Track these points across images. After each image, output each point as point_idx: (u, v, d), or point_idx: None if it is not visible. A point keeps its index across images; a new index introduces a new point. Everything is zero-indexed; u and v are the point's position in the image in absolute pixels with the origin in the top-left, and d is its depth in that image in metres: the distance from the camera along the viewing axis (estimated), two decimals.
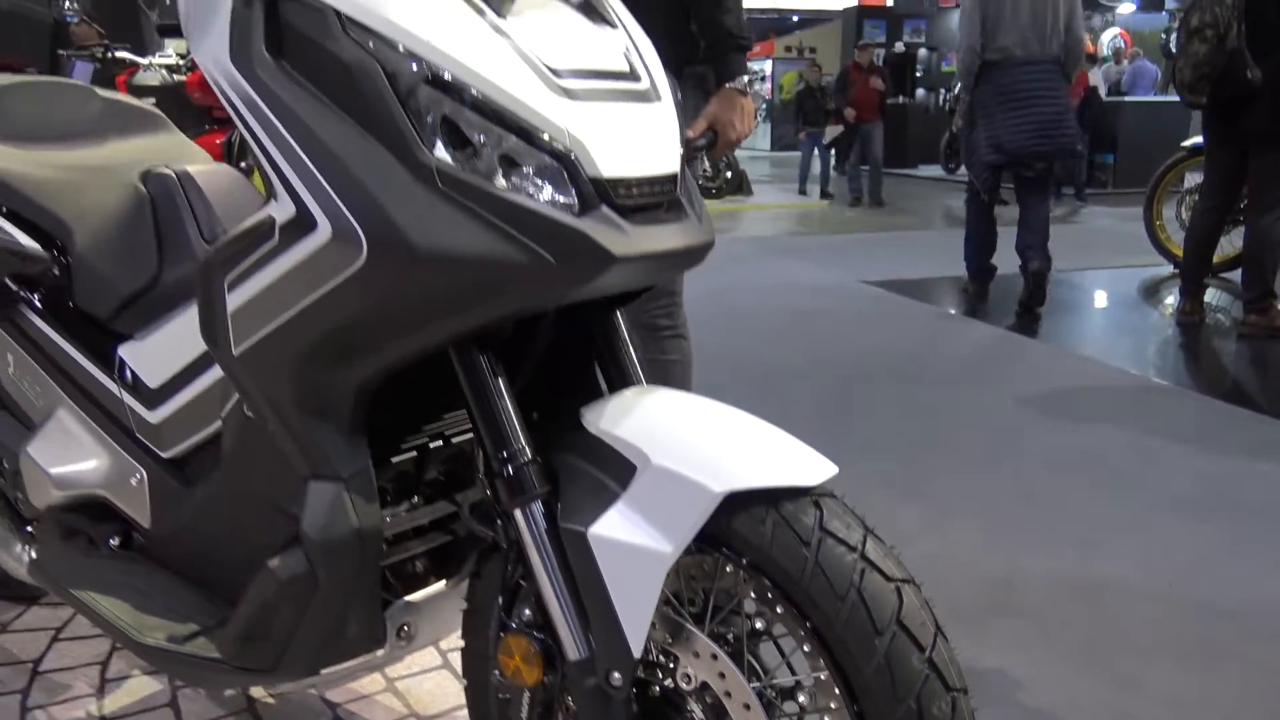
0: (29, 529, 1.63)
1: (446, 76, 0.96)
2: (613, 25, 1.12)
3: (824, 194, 11.52)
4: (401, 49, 0.96)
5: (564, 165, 0.98)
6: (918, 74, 16.63)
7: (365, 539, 1.10)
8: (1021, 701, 1.81)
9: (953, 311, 5.30)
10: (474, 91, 0.96)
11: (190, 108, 5.28)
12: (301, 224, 0.98)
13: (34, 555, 1.59)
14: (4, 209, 1.51)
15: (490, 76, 0.97)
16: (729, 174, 11.35)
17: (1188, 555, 2.40)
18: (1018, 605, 2.15)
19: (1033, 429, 3.35)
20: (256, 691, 1.74)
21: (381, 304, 0.99)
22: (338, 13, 0.97)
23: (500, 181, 0.96)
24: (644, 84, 1.09)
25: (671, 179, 1.08)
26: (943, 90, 15.98)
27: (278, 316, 1.02)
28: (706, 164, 10.02)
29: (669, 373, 2.18)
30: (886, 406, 3.60)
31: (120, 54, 5.04)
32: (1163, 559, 2.37)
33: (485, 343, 1.07)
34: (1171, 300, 5.35)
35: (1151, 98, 12.56)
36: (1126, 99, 12.48)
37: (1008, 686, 1.85)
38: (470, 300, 0.98)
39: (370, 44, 0.96)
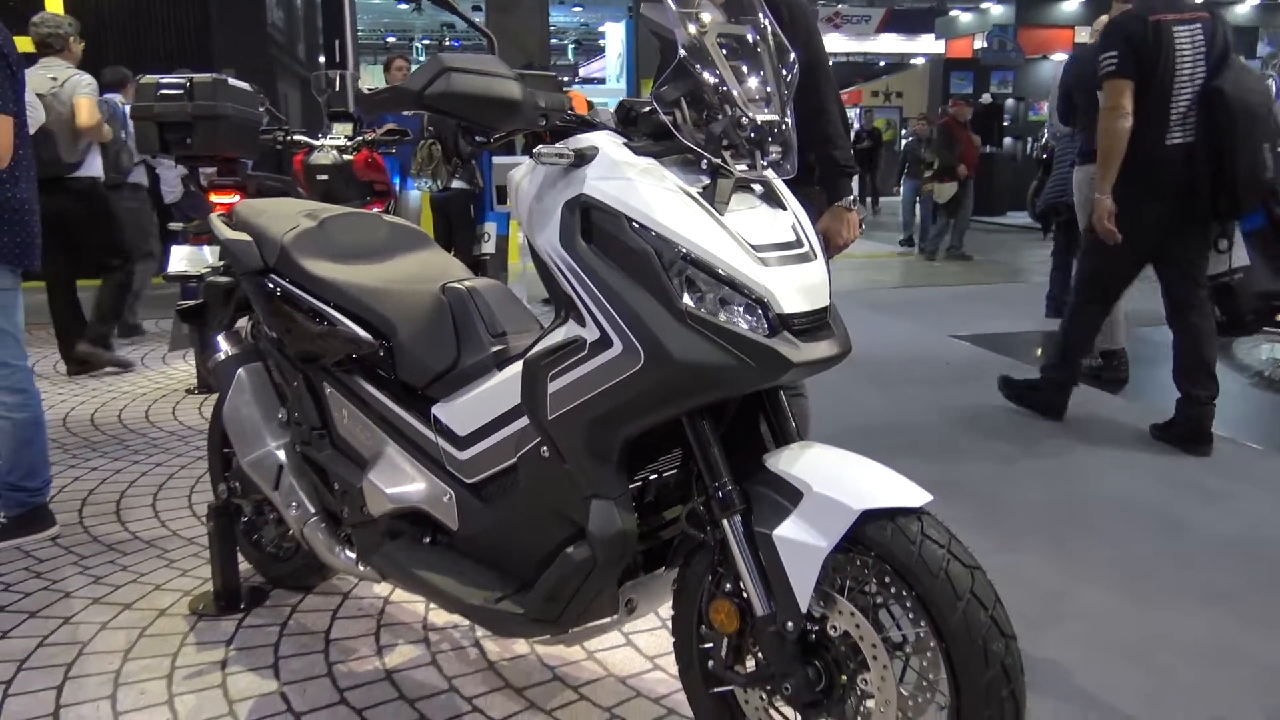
0: (344, 534, 2.29)
1: (689, 253, 1.59)
2: (784, 208, 1.75)
3: (921, 249, 11.83)
4: (664, 238, 1.59)
5: (760, 305, 1.60)
6: (1005, 123, 17.04)
7: (626, 536, 1.72)
8: None
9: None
10: (706, 261, 1.59)
11: (355, 183, 6.10)
12: (603, 343, 1.62)
13: (350, 554, 2.25)
14: (343, 308, 2.19)
15: (716, 252, 1.60)
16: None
17: None
18: None
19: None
20: (494, 652, 2.38)
21: (648, 391, 1.61)
22: (627, 217, 1.61)
23: (722, 315, 1.59)
24: (805, 248, 1.71)
25: (824, 310, 1.69)
26: (1030, 139, 16.35)
27: (582, 396, 1.66)
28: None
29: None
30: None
31: (297, 136, 5.88)
32: None
33: (704, 412, 1.69)
34: None
35: None
36: None
37: None
38: (703, 390, 1.61)
39: (646, 235, 1.60)
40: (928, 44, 24.75)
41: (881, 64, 28.69)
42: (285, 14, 11.85)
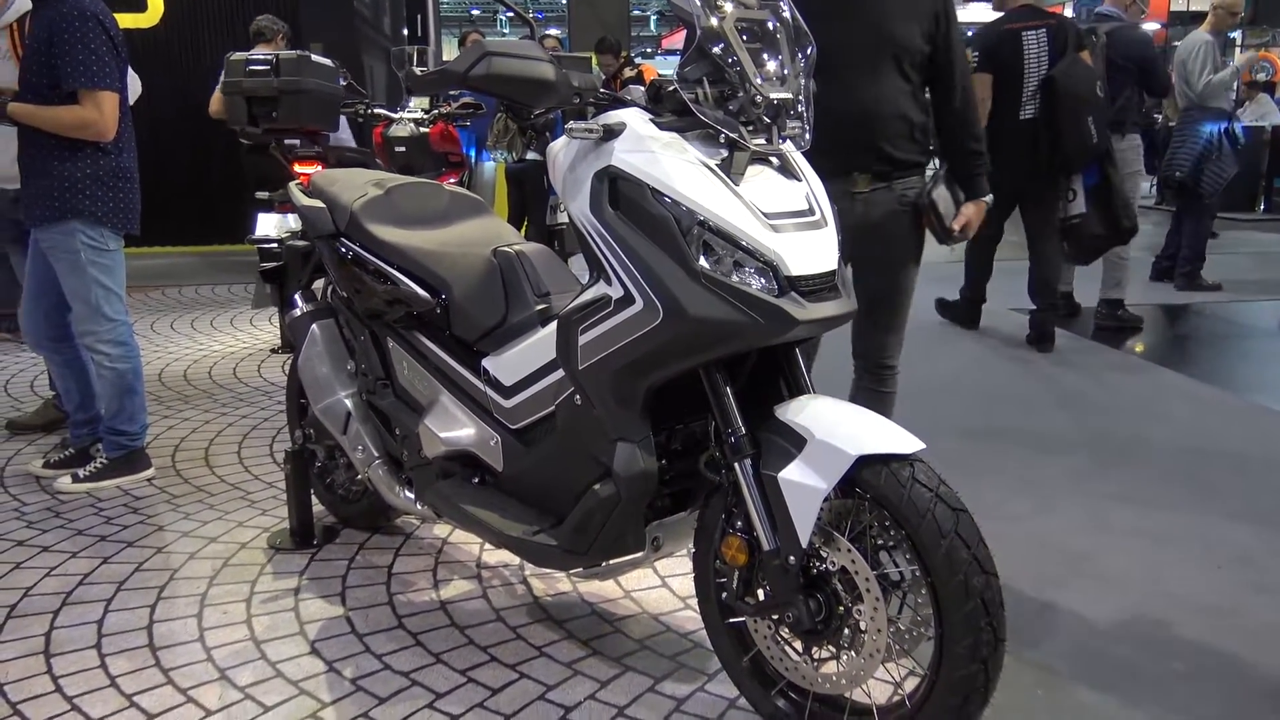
0: (405, 476, 2.52)
1: (706, 220, 1.75)
2: (799, 179, 1.89)
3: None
4: (683, 206, 1.76)
5: (770, 268, 1.76)
6: None
7: (648, 476, 1.90)
8: None
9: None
10: (721, 227, 1.75)
11: (432, 154, 6.35)
12: (626, 300, 1.80)
13: (409, 494, 2.47)
14: (405, 270, 2.40)
15: (730, 219, 1.75)
16: None
17: None
18: None
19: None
20: (540, 589, 2.59)
21: (666, 344, 1.79)
22: (650, 187, 1.78)
23: (735, 277, 1.74)
24: (817, 216, 1.85)
25: (831, 273, 1.84)
26: None
27: (608, 348, 1.84)
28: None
29: (883, 401, 2.80)
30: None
31: (377, 110, 6.14)
32: None
33: (720, 365, 1.85)
34: None
35: None
36: None
37: None
38: (716, 344, 1.77)
39: (666, 202, 1.77)
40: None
41: (969, 33, 28.10)
42: None
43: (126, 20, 8.02)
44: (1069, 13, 19.83)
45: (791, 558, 1.78)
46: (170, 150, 8.06)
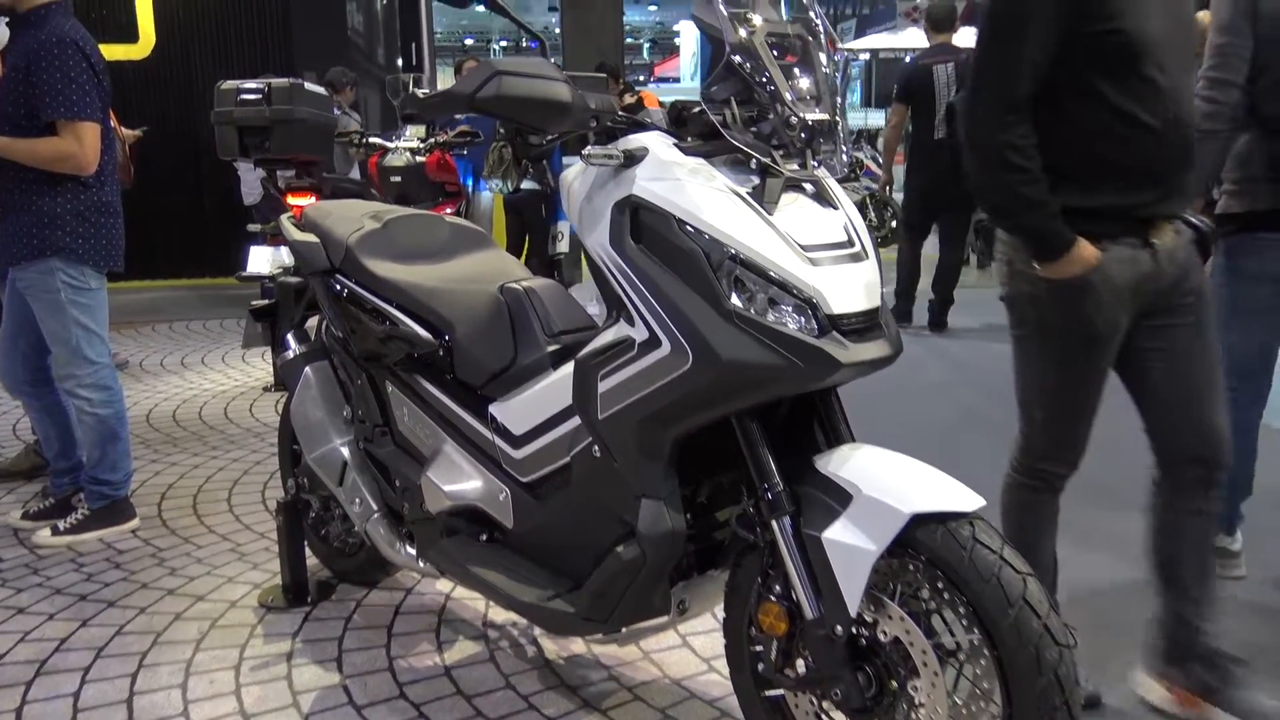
0: (405, 531, 2.34)
1: (738, 254, 1.58)
2: (835, 207, 1.73)
3: None
4: (712, 238, 1.59)
5: (809, 305, 1.59)
6: None
7: (675, 537, 1.72)
8: None
9: None
10: (755, 262, 1.58)
11: (428, 184, 6.20)
12: (651, 343, 1.63)
13: (410, 550, 2.29)
14: (404, 308, 2.23)
15: (764, 252, 1.59)
16: (894, 224, 11.74)
17: None
18: None
19: None
20: (551, 651, 2.40)
21: (696, 391, 1.61)
22: (676, 218, 1.61)
23: (770, 316, 1.57)
24: (857, 248, 1.69)
25: (875, 311, 1.67)
26: None
27: (632, 396, 1.66)
28: (872, 214, 10.52)
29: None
30: None
31: (372, 139, 6.00)
32: None
33: (753, 413, 1.68)
34: None
35: None
36: None
37: None
38: (751, 390, 1.60)
39: (695, 235, 1.60)
40: None
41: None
42: (365, 18, 12.10)
43: (118, 51, 7.93)
44: None
45: (838, 628, 1.60)
46: (162, 181, 7.92)
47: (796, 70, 1.69)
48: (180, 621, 2.60)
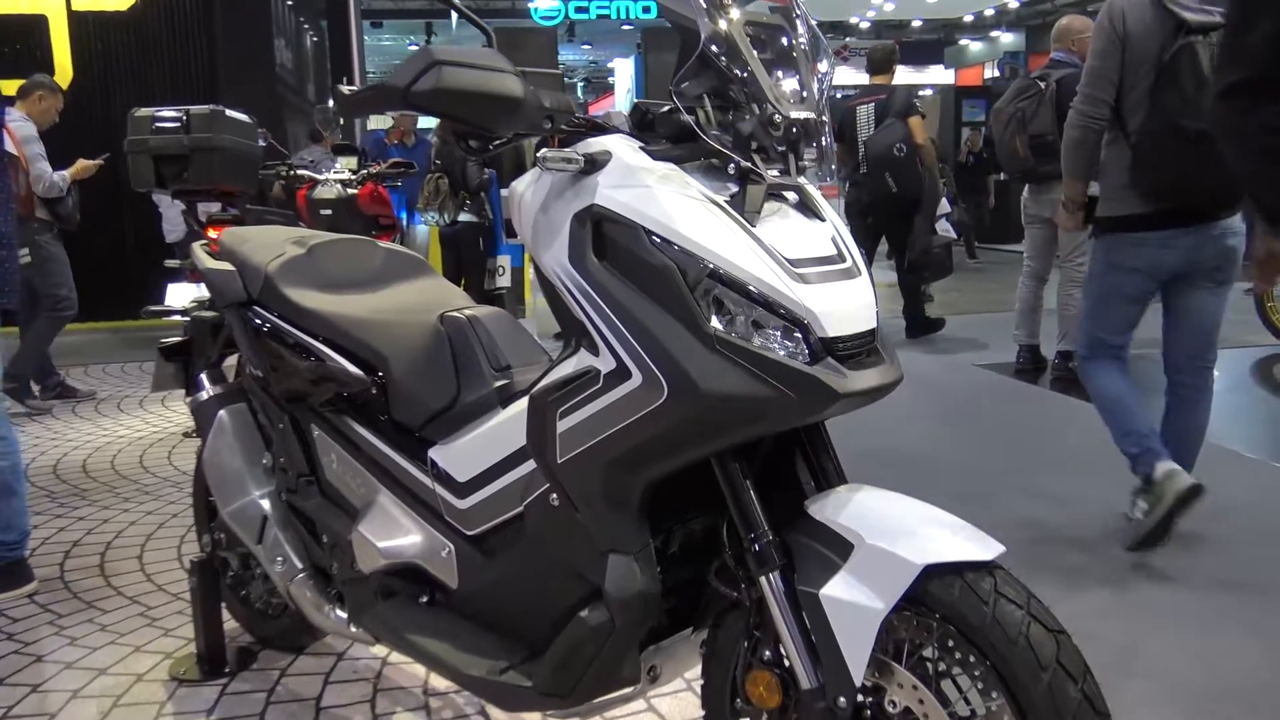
0: (334, 592, 2.07)
1: (717, 269, 1.38)
2: (821, 219, 1.53)
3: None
4: (687, 252, 1.38)
5: (799, 328, 1.38)
6: None
7: (648, 599, 1.49)
8: None
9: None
10: (737, 278, 1.38)
11: (361, 217, 5.92)
12: (620, 374, 1.40)
13: (340, 613, 2.03)
14: (332, 342, 1.98)
15: (747, 268, 1.38)
16: None
17: None
18: None
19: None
20: None
21: (673, 428, 1.39)
22: (645, 229, 1.40)
23: (756, 340, 1.37)
24: (848, 263, 1.49)
25: (871, 333, 1.47)
26: None
27: (597, 436, 1.44)
28: None
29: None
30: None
31: (301, 170, 5.73)
32: None
33: (737, 453, 1.46)
34: None
35: None
36: None
37: None
38: (736, 427, 1.39)
39: (667, 249, 1.39)
40: (937, 74, 24.65)
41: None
42: (294, 54, 11.80)
43: (7, 87, 7.53)
44: (991, 71, 20.49)
45: (841, 699, 1.38)
46: (81, 220, 7.52)
47: (777, 66, 1.50)
48: (78, 700, 2.30)
